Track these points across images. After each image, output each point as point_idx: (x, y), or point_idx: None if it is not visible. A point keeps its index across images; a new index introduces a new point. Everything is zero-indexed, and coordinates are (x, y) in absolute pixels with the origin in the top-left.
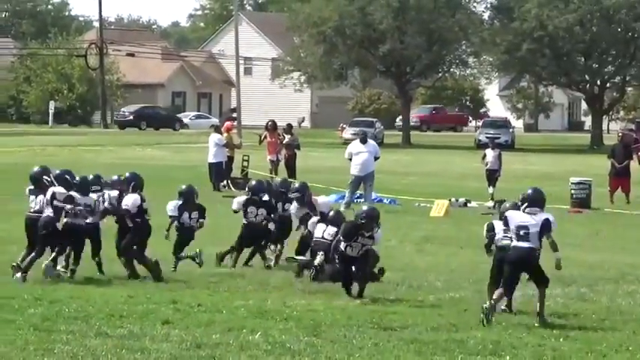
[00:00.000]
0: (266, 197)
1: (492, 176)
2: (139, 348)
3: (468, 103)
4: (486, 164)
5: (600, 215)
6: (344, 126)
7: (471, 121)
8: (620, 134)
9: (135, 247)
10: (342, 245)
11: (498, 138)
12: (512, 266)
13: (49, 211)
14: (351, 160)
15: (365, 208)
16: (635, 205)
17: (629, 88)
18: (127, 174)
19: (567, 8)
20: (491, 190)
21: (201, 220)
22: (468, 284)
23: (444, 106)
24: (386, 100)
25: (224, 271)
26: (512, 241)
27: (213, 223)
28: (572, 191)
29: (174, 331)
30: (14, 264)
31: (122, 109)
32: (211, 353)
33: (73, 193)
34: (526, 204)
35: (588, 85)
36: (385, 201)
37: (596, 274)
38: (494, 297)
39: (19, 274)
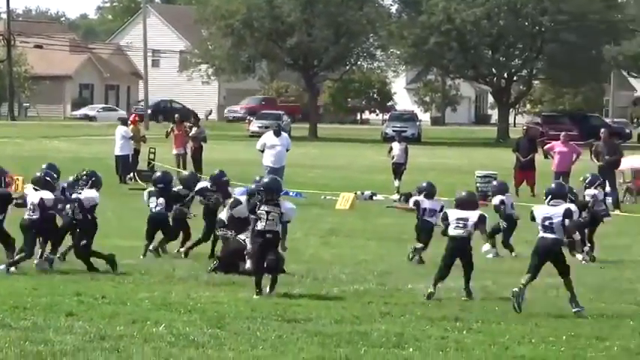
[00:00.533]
0: (176, 188)
1: (398, 169)
2: (42, 340)
3: (375, 96)
4: (393, 157)
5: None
6: (251, 119)
7: (377, 114)
8: (524, 128)
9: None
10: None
11: (405, 131)
12: (539, 255)
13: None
14: (263, 151)
15: (265, 179)
16: (539, 198)
17: (536, 82)
18: (85, 170)
19: (475, 2)
20: (397, 183)
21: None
22: (373, 277)
23: (275, 98)
24: (293, 92)
25: (129, 263)
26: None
27: (120, 215)
28: (478, 184)
29: (78, 323)
30: None
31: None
32: (115, 345)
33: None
34: (550, 197)
35: (495, 79)
36: (291, 194)
37: (499, 266)
38: (522, 282)
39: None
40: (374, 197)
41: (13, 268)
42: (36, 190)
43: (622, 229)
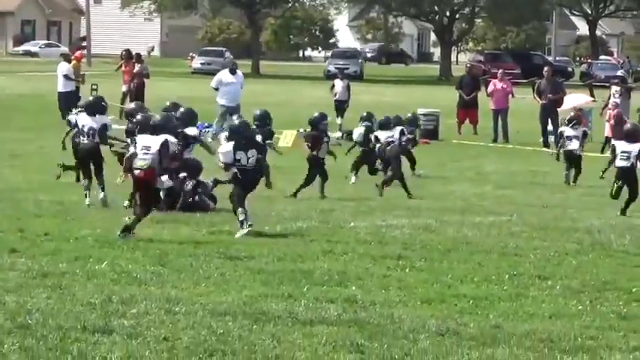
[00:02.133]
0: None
1: (341, 107)
2: None
3: (317, 33)
4: (335, 95)
5: (448, 146)
6: (193, 55)
7: (320, 51)
8: (467, 66)
9: None
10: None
11: (347, 68)
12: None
13: None
14: (217, 89)
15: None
16: (482, 137)
17: (478, 20)
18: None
19: None
20: (339, 120)
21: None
22: (315, 214)
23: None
24: (236, 29)
25: (73, 200)
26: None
27: (61, 152)
28: (421, 122)
29: (20, 259)
30: None
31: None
32: (57, 282)
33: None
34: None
35: (437, 16)
36: None
37: (443, 204)
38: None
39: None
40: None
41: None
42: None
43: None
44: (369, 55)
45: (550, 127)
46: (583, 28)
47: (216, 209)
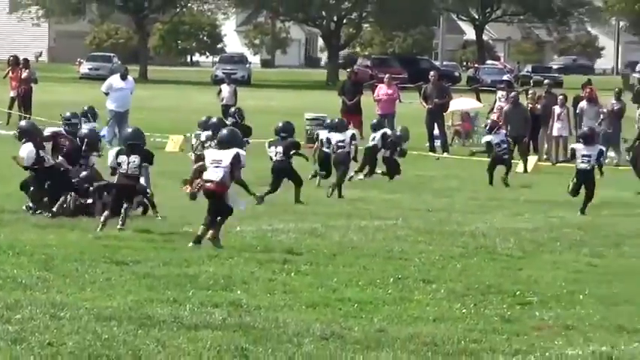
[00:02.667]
0: None
1: (227, 111)
2: None
3: (205, 38)
4: (222, 100)
5: None
6: (81, 61)
7: (208, 57)
8: (348, 71)
9: None
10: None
11: (235, 73)
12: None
13: None
14: (107, 94)
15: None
16: (367, 141)
17: (366, 25)
18: None
19: None
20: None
21: None
22: (202, 219)
23: None
24: (123, 35)
25: None
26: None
27: None
28: (307, 127)
29: None
30: None
31: None
32: None
33: None
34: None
35: (325, 21)
36: None
37: (329, 209)
38: None
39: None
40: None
41: None
42: None
43: (450, 172)
44: None
45: (436, 132)
46: (470, 33)
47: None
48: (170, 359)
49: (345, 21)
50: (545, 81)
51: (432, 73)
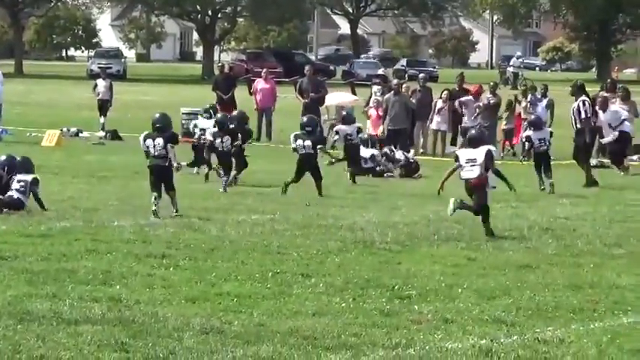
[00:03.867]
0: None
1: (104, 106)
2: None
3: (80, 32)
4: (98, 94)
5: None
6: None
7: (83, 51)
8: (220, 65)
9: None
10: None
11: (110, 68)
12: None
13: None
14: None
15: None
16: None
17: (240, 19)
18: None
19: None
20: (102, 120)
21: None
22: (80, 214)
23: None
24: None
25: None
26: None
27: None
28: (183, 121)
29: None
30: None
31: None
32: None
33: None
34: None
35: (200, 16)
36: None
37: (206, 204)
38: None
39: None
40: (80, 134)
41: None
42: None
43: (326, 166)
44: None
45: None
46: (345, 27)
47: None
48: (50, 354)
49: (219, 15)
50: (421, 75)
51: (307, 67)
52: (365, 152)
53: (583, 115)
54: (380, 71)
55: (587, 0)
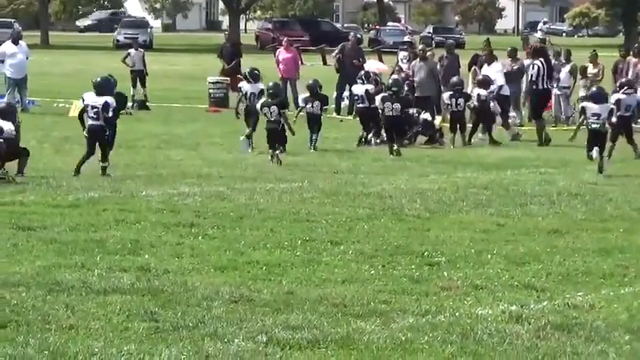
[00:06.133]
0: None
1: (138, 76)
2: None
3: (106, 3)
4: (133, 65)
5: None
6: None
7: None
8: (226, 33)
9: None
10: None
11: (136, 38)
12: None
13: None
14: (2, 62)
15: None
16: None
17: None
18: None
19: None
20: (133, 91)
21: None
22: (107, 184)
23: None
24: (24, 0)
25: None
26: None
27: None
28: (210, 90)
29: None
30: None
31: None
32: None
33: None
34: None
35: None
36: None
37: (234, 172)
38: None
39: None
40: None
41: None
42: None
43: (354, 134)
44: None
45: (346, 93)
46: None
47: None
48: (79, 324)
49: None
50: (448, 41)
51: (352, 33)
52: (358, 89)
53: (529, 77)
54: (407, 38)
55: None
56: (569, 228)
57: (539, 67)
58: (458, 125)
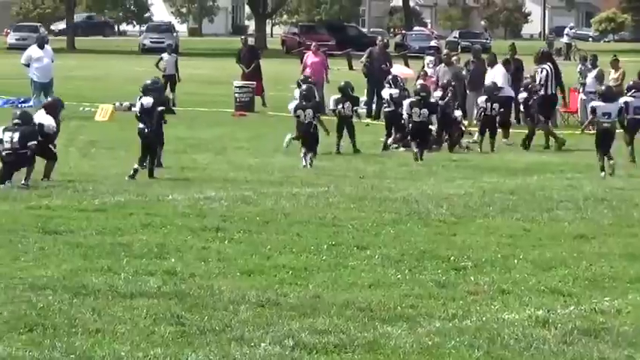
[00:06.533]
0: None
1: (170, 81)
2: None
3: (131, 7)
4: (164, 69)
5: (264, 117)
6: (8, 31)
7: (135, 26)
8: (242, 38)
9: None
10: None
11: (162, 42)
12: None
13: None
14: (28, 65)
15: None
16: (274, 108)
17: None
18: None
19: None
20: (171, 95)
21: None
22: (134, 188)
23: None
24: (50, 4)
25: None
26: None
27: None
28: (236, 95)
29: None
30: None
31: None
32: None
33: None
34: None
35: None
36: None
37: (260, 176)
38: None
39: None
40: (132, 108)
41: None
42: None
43: (381, 138)
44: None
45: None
46: (397, 0)
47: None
48: (106, 328)
49: None
50: (475, 46)
51: (379, 38)
52: (386, 93)
53: (537, 82)
54: (433, 42)
55: None
56: (595, 233)
57: (547, 71)
58: (488, 129)
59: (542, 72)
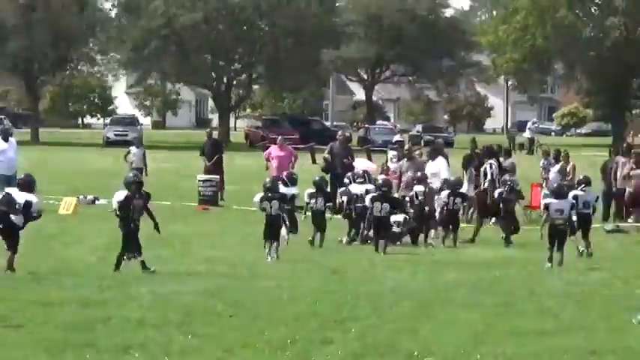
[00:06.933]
0: None
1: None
2: None
3: (96, 100)
4: (131, 162)
5: (228, 212)
6: None
7: (99, 118)
8: (208, 131)
9: None
10: None
11: (126, 135)
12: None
13: None
14: None
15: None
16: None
17: (256, 86)
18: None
19: (194, 7)
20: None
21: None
22: (96, 280)
23: None
24: (14, 97)
25: None
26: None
27: None
28: (200, 188)
29: None
30: None
31: None
32: None
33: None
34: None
35: (215, 83)
36: None
37: (224, 270)
38: None
39: None
40: (96, 201)
41: None
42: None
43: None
44: None
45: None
46: (360, 94)
47: None
48: None
49: (235, 82)
50: (438, 140)
51: (339, 132)
52: (357, 188)
53: (489, 177)
54: (397, 137)
55: (601, 65)
56: (558, 329)
57: (495, 166)
58: (451, 225)
59: (492, 167)
